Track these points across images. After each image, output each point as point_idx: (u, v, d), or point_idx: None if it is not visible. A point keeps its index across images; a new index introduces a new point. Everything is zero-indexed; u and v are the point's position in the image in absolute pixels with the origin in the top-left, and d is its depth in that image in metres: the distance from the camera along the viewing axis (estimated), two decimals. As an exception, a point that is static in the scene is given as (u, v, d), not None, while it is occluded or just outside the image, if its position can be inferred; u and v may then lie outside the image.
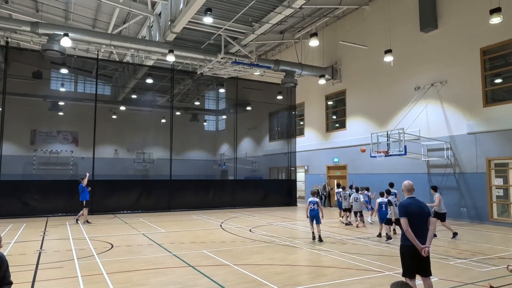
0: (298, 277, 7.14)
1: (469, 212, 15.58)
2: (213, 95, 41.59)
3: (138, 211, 19.48)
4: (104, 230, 13.39)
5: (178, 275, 7.19)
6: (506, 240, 11.62)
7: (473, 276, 7.12)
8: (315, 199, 11.27)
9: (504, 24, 13.76)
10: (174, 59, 19.08)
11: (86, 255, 9.01)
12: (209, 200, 21.63)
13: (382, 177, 19.14)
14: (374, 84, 20.67)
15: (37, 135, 32.56)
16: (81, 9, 22.34)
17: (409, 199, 5.21)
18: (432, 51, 17.52)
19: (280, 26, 22.77)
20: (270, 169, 30.06)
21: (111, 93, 35.95)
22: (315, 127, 25.58)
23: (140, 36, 24.28)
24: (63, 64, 25.32)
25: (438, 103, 17.10)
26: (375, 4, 20.79)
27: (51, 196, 17.80)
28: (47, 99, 31.55)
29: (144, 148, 35.21)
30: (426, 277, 5.04)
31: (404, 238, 5.04)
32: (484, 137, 15.23)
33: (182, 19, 17.38)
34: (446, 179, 16.53)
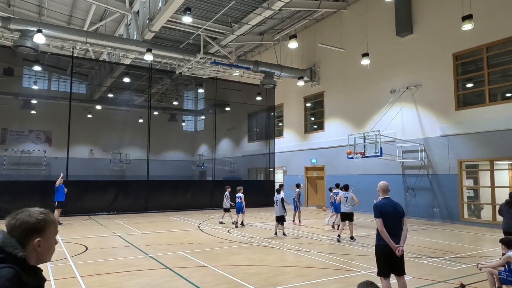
0: (276, 278, 7.17)
1: (442, 212, 16.05)
2: (192, 95, 41.33)
3: (114, 212, 19.10)
4: (78, 232, 13.06)
5: (155, 277, 7.10)
6: (476, 239, 12.04)
7: (445, 275, 7.34)
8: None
9: (475, 30, 14.26)
10: (152, 58, 18.82)
11: (59, 258, 8.75)
12: (187, 201, 21.43)
13: (359, 178, 19.50)
14: (351, 87, 21.02)
15: (7, 134, 31.44)
16: (55, 5, 21.74)
17: (384, 200, 5.32)
18: (407, 55, 17.98)
19: (260, 28, 22.85)
20: (249, 170, 30.10)
21: (87, 92, 35.15)
22: (293, 128, 25.78)
23: (118, 34, 23.85)
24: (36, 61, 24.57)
25: (413, 106, 17.55)
26: (353, 8, 21.16)
27: (23, 197, 17.18)
28: (19, 97, 30.55)
29: (120, 148, 34.58)
30: (400, 276, 5.15)
31: (379, 238, 5.15)
32: (456, 139, 15.73)
33: (161, 18, 17.19)
34: (420, 180, 16.98)
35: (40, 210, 1.81)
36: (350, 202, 11.86)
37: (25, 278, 1.63)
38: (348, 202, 11.80)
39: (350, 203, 11.85)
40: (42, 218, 1.76)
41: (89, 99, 33.93)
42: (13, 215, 1.77)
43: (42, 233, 1.74)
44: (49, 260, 1.81)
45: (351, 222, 11.71)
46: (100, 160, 33.73)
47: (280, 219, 12.23)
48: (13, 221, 1.73)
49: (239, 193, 14.80)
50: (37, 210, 1.79)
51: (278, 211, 12.28)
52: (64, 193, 15.09)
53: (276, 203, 12.45)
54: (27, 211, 1.78)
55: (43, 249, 1.74)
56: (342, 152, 19.28)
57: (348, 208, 11.80)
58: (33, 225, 1.72)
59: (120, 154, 34.83)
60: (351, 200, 11.91)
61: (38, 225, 1.74)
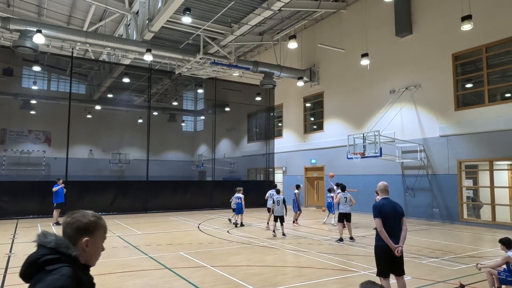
0: (276, 278, 7.17)
1: (441, 212, 16.06)
2: (192, 96, 41.34)
3: (114, 212, 19.09)
4: (77, 232, 13.03)
5: (154, 277, 7.09)
6: (475, 239, 12.05)
7: (444, 275, 7.34)
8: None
9: (474, 31, 14.27)
10: (152, 58, 18.82)
11: (58, 258, 8.74)
12: (186, 201, 21.42)
13: (358, 178, 19.51)
14: (351, 87, 21.03)
15: (7, 134, 31.42)
16: (55, 5, 21.73)
17: (384, 200, 5.33)
18: (407, 55, 17.99)
19: (259, 28, 22.85)
20: (249, 170, 30.09)
21: (86, 92, 35.15)
22: (293, 128, 25.79)
23: (117, 34, 23.84)
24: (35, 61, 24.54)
25: (412, 106, 17.56)
26: (353, 8, 21.17)
27: (22, 197, 17.19)
28: (18, 97, 30.54)
29: (120, 148, 34.58)
30: (399, 276, 5.16)
31: (378, 238, 5.15)
32: (455, 139, 15.74)
33: (160, 18, 17.19)
34: (420, 180, 16.98)
35: (94, 213, 1.91)
36: (349, 203, 11.89)
37: (81, 275, 1.72)
38: (347, 203, 11.83)
39: (349, 204, 11.88)
40: (94, 220, 1.87)
41: (89, 99, 33.92)
42: (70, 214, 1.88)
43: (91, 234, 1.83)
44: (94, 264, 1.87)
45: (349, 222, 11.70)
46: (100, 160, 33.72)
47: (280, 219, 12.41)
48: (69, 219, 1.84)
49: (239, 194, 14.83)
50: (91, 213, 1.90)
51: (279, 211, 12.45)
52: (63, 194, 15.08)
53: (277, 203, 12.55)
54: (82, 212, 1.89)
55: (90, 250, 1.82)
56: (342, 152, 19.30)
57: (347, 209, 11.82)
58: (85, 225, 1.83)
59: (120, 154, 34.83)
60: (350, 201, 11.95)
61: (90, 225, 1.83)
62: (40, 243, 1.74)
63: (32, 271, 1.67)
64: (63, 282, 1.57)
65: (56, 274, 1.60)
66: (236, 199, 14.79)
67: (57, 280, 1.57)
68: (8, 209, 16.76)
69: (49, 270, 1.63)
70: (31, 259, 1.68)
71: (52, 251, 1.69)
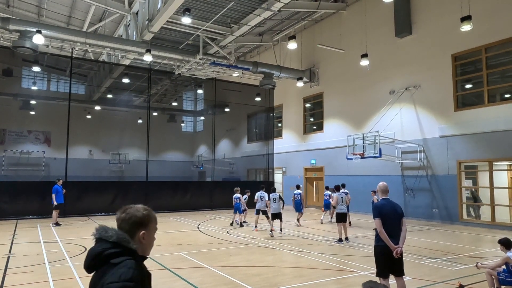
0: (275, 279, 7.17)
1: (441, 213, 16.07)
2: (191, 96, 41.34)
3: (113, 213, 18.66)
4: (77, 232, 13.04)
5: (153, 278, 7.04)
6: (474, 240, 12.05)
7: (444, 275, 7.34)
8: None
9: (474, 31, 14.29)
10: (152, 59, 18.82)
11: (58, 258, 8.75)
12: (186, 201, 21.41)
13: (358, 178, 19.51)
14: (350, 87, 21.03)
15: (6, 134, 31.41)
16: (55, 6, 21.73)
17: (383, 200, 5.33)
18: (406, 56, 18.00)
19: (259, 28, 22.85)
20: (248, 170, 30.10)
21: (86, 93, 35.14)
22: (293, 129, 25.79)
23: (117, 34, 23.84)
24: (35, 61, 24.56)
25: (412, 106, 17.57)
26: (352, 9, 21.19)
27: (22, 198, 17.18)
28: (18, 98, 30.54)
29: (119, 149, 34.56)
30: (399, 276, 5.16)
31: (378, 239, 5.15)
32: (455, 140, 15.75)
33: (160, 18, 17.19)
34: (419, 181, 16.99)
35: (145, 207, 2.01)
36: (345, 203, 11.93)
37: (142, 266, 1.85)
38: (344, 203, 11.85)
39: (345, 203, 11.92)
40: (147, 213, 1.97)
41: (88, 100, 33.92)
42: (123, 210, 1.97)
43: (146, 226, 1.94)
44: (148, 255, 1.99)
45: (344, 222, 11.71)
46: (99, 160, 33.71)
47: (277, 216, 12.63)
48: (124, 215, 1.93)
49: (236, 194, 14.97)
50: (142, 207, 2.00)
51: (276, 208, 12.70)
52: (62, 194, 15.08)
53: (274, 201, 12.82)
54: (135, 207, 1.98)
55: (146, 241, 1.93)
56: (341, 152, 19.31)
57: (345, 209, 11.83)
58: (140, 219, 1.93)
59: (119, 154, 34.81)
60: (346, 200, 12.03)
61: (144, 219, 1.94)
62: (101, 237, 1.84)
63: (96, 263, 1.80)
64: (132, 274, 1.69)
65: (123, 267, 1.71)
66: (235, 199, 14.94)
67: (126, 273, 1.68)
68: (8, 210, 16.75)
69: (114, 263, 1.74)
70: (94, 253, 1.80)
71: (113, 245, 1.80)
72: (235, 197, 14.96)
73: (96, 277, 1.80)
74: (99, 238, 1.85)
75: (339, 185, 12.72)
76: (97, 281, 1.77)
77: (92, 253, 1.81)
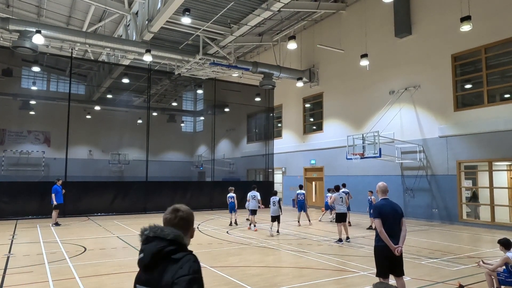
0: (275, 279, 7.17)
1: (440, 213, 16.07)
2: (191, 96, 41.32)
3: (113, 213, 19.08)
4: (77, 233, 13.04)
5: (153, 278, 7.08)
6: (474, 240, 12.06)
7: (444, 275, 7.34)
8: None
9: (473, 31, 14.30)
10: (151, 59, 18.81)
11: (57, 258, 8.75)
12: (186, 201, 21.06)
13: (358, 179, 19.52)
14: (350, 88, 21.04)
15: (6, 134, 31.40)
16: (54, 6, 21.73)
17: (383, 201, 5.32)
18: (406, 56, 18.00)
19: (259, 29, 22.85)
20: (248, 170, 30.09)
21: (86, 93, 35.13)
22: (292, 129, 25.79)
23: (117, 35, 23.84)
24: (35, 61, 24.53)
25: (412, 107, 17.57)
26: (352, 9, 21.19)
27: (21, 198, 17.17)
28: (18, 98, 30.52)
29: (119, 149, 34.55)
30: (399, 276, 5.16)
31: (378, 239, 5.15)
32: (454, 140, 15.75)
33: (160, 18, 17.19)
34: (419, 181, 16.99)
35: (187, 206, 2.23)
36: (344, 203, 11.93)
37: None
38: (343, 203, 11.85)
39: (344, 203, 11.92)
40: (192, 212, 2.21)
41: (88, 100, 33.91)
42: (173, 210, 2.17)
43: (193, 224, 2.19)
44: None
45: (344, 222, 11.72)
46: (99, 161, 33.70)
47: (276, 218, 12.84)
48: (181, 213, 2.14)
49: (231, 193, 15.20)
50: (187, 206, 2.22)
51: (275, 211, 12.85)
52: (62, 194, 15.07)
53: (273, 204, 12.98)
54: (184, 207, 2.20)
55: (192, 236, 2.17)
56: (341, 153, 19.32)
57: (344, 209, 11.83)
58: (192, 217, 2.18)
59: (119, 155, 34.80)
60: (345, 201, 12.04)
61: (192, 217, 2.19)
62: (158, 235, 1.97)
63: (157, 260, 1.93)
64: (198, 267, 1.91)
65: (189, 262, 1.90)
66: (229, 198, 15.17)
67: (193, 266, 1.89)
68: (7, 210, 16.74)
69: (176, 259, 1.91)
70: (155, 250, 1.93)
71: (170, 243, 1.95)
72: (229, 197, 15.21)
73: (156, 273, 1.93)
74: (154, 236, 1.97)
75: (339, 185, 12.84)
76: (158, 277, 1.90)
77: (152, 251, 1.93)
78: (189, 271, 1.86)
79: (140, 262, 1.99)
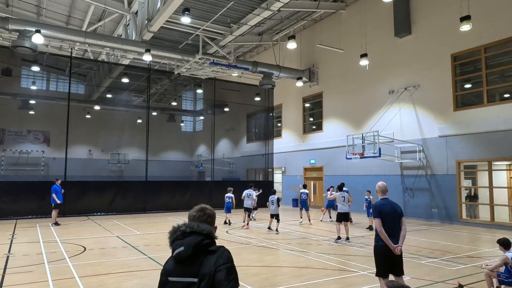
0: (275, 278, 7.17)
1: (440, 213, 16.08)
2: (191, 96, 41.34)
3: (112, 213, 19.07)
4: (76, 232, 13.03)
5: (153, 278, 7.08)
6: (474, 240, 12.07)
7: (443, 275, 7.35)
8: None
9: (473, 31, 14.30)
10: (151, 58, 18.80)
11: (57, 258, 8.74)
12: (185, 201, 21.38)
13: (357, 178, 19.52)
14: (350, 87, 21.04)
15: (6, 134, 31.38)
16: (54, 5, 21.71)
17: (383, 200, 5.32)
18: (406, 55, 18.00)
19: (259, 28, 22.84)
20: (248, 170, 30.09)
21: (85, 92, 35.12)
22: (292, 128, 25.79)
23: (116, 34, 23.82)
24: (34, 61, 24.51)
25: (411, 106, 17.58)
26: (352, 9, 21.19)
27: (21, 197, 17.17)
28: (17, 97, 30.51)
29: (119, 148, 34.56)
30: (398, 276, 5.16)
31: (378, 238, 5.15)
32: (454, 140, 15.76)
33: (160, 18, 17.17)
34: (419, 180, 17.00)
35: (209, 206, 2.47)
36: (347, 202, 11.91)
37: None
38: (345, 202, 11.83)
39: (347, 203, 11.90)
40: (214, 213, 2.45)
41: (88, 100, 33.90)
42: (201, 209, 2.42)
43: (215, 223, 2.42)
44: None
45: (346, 222, 11.68)
46: (99, 160, 33.70)
47: (276, 217, 13.13)
48: (209, 211, 2.40)
49: (229, 193, 15.36)
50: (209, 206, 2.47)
51: (274, 210, 13.16)
52: (61, 194, 15.07)
53: (272, 203, 13.29)
54: (209, 206, 2.46)
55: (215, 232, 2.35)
56: (341, 152, 19.31)
57: (346, 208, 11.82)
58: (214, 215, 2.43)
59: (119, 154, 34.80)
60: (348, 200, 11.99)
61: (215, 216, 2.44)
62: (195, 230, 2.21)
63: (197, 252, 2.15)
64: (231, 256, 2.20)
65: (226, 252, 2.20)
66: (227, 198, 15.31)
67: (229, 255, 2.19)
68: (7, 209, 16.73)
69: (213, 250, 2.18)
70: (195, 243, 2.16)
71: (206, 237, 2.20)
72: (227, 197, 15.38)
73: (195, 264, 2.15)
74: (191, 231, 2.21)
75: (343, 184, 13.00)
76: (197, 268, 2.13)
77: (192, 244, 2.16)
78: (228, 260, 2.15)
79: (179, 256, 2.18)
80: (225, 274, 2.08)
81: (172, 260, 2.25)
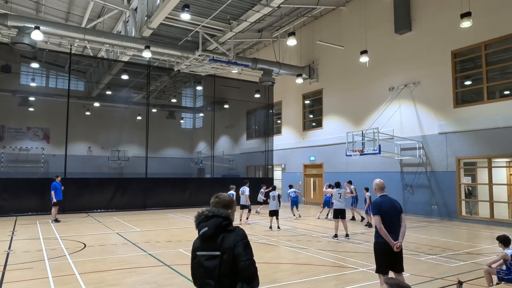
0: (275, 275, 7.18)
1: (440, 209, 16.10)
2: (190, 93, 41.26)
3: (112, 210, 19.08)
4: (76, 229, 13.05)
5: (153, 274, 7.10)
6: (473, 237, 12.09)
7: (443, 271, 7.36)
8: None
9: (473, 28, 14.26)
10: (151, 55, 18.76)
11: (57, 255, 8.76)
12: (185, 198, 21.41)
13: (357, 175, 19.52)
14: (350, 84, 21.01)
15: (5, 131, 31.35)
16: (53, 2, 21.63)
17: (382, 197, 5.33)
18: (406, 52, 17.96)
19: (258, 25, 22.77)
20: (247, 167, 30.09)
21: (85, 89, 35.05)
22: (292, 125, 25.78)
23: (116, 31, 23.75)
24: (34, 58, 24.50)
25: (411, 103, 17.56)
26: (352, 5, 21.12)
27: (21, 194, 17.18)
28: (17, 94, 30.46)
29: (119, 145, 34.53)
30: (398, 273, 5.17)
31: (377, 235, 5.16)
32: (454, 137, 15.75)
33: (159, 14, 17.12)
34: (418, 177, 17.01)
35: (228, 195, 2.93)
36: (343, 199, 11.88)
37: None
38: (341, 199, 11.81)
39: (343, 200, 11.87)
40: (230, 199, 2.90)
41: (87, 96, 33.84)
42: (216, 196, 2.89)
43: (231, 208, 2.85)
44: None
45: (343, 219, 11.63)
46: (99, 157, 33.69)
47: (275, 213, 13.08)
48: (222, 197, 2.86)
49: (231, 191, 15.34)
50: (227, 195, 2.92)
51: (274, 205, 13.12)
52: (61, 191, 15.07)
53: (273, 198, 13.25)
54: (221, 193, 2.93)
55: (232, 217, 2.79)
56: (341, 149, 19.31)
57: (342, 205, 11.78)
58: (229, 202, 2.86)
59: (119, 151, 34.80)
60: (344, 197, 11.96)
61: (231, 202, 2.87)
62: (215, 214, 2.67)
63: (218, 231, 2.62)
64: (246, 234, 2.68)
65: (241, 231, 2.67)
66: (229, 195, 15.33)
67: (244, 234, 2.66)
68: (7, 206, 16.74)
69: (231, 229, 2.65)
70: (216, 223, 2.63)
71: (224, 219, 2.67)
72: (229, 194, 15.21)
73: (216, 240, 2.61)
74: (213, 215, 2.67)
75: (339, 182, 12.82)
76: (219, 243, 2.60)
77: (215, 224, 2.63)
78: (244, 236, 2.64)
79: (204, 234, 2.65)
80: (242, 247, 2.59)
81: (199, 239, 2.72)
